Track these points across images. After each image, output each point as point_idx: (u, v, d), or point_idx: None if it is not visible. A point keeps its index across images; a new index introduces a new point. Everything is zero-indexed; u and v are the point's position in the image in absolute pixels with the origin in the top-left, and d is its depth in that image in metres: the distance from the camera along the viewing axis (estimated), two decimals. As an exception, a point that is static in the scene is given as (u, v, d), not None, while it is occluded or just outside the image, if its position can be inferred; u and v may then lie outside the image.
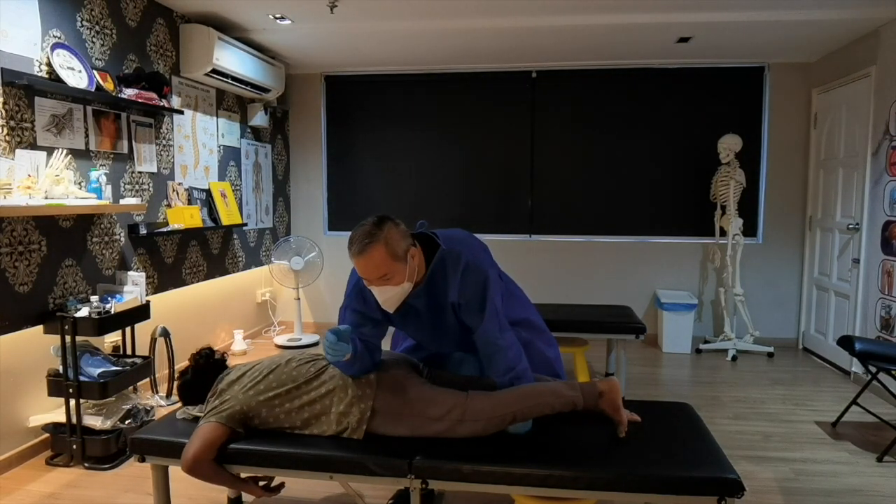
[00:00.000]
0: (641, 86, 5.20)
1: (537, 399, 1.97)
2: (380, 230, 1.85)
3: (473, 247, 2.10)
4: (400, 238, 1.88)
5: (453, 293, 2.00)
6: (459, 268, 1.98)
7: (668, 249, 5.30)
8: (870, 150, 4.07)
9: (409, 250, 1.91)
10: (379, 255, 1.84)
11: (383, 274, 1.86)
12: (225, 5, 3.80)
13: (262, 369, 2.10)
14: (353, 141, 5.62)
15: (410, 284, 1.95)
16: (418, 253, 1.97)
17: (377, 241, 1.84)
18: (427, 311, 2.08)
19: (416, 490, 1.91)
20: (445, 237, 2.07)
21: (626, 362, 3.74)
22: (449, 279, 2.00)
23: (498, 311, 2.02)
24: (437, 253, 2.01)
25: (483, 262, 2.04)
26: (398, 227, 1.90)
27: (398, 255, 1.87)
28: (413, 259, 1.93)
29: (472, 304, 2.00)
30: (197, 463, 1.92)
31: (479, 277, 1.99)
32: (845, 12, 3.79)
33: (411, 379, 2.03)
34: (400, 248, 1.87)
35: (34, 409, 2.93)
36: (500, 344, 2.01)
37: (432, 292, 2.04)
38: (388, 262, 1.85)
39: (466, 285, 1.99)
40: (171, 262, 3.99)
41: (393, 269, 1.87)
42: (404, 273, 1.90)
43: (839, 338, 3.26)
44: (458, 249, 2.02)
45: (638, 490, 1.77)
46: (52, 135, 2.96)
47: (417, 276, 1.98)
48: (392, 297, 1.93)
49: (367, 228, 1.86)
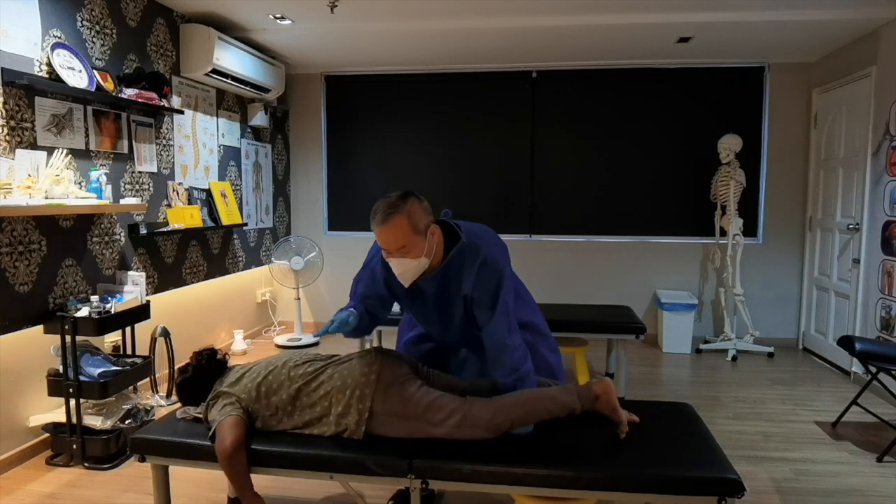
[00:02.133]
0: (641, 86, 5.20)
1: (535, 405, 1.97)
2: (404, 203, 1.93)
3: (493, 244, 2.13)
4: (422, 213, 1.95)
5: (467, 286, 2.03)
6: (477, 262, 2.01)
7: (668, 249, 5.30)
8: (870, 150, 4.07)
9: (430, 227, 1.97)
10: (401, 225, 1.90)
11: (402, 245, 1.92)
12: (225, 5, 3.80)
13: (260, 370, 2.10)
14: (353, 141, 5.62)
15: (428, 260, 1.99)
16: (438, 232, 2.02)
17: (400, 212, 1.90)
18: (435, 298, 2.12)
19: (416, 490, 1.91)
20: (468, 230, 2.11)
21: (626, 362, 3.74)
22: (465, 271, 2.03)
23: (509, 310, 2.04)
24: (457, 244, 2.05)
25: (500, 261, 2.06)
26: (421, 203, 1.98)
27: (419, 228, 1.93)
28: (433, 236, 1.98)
29: (484, 300, 2.02)
30: (235, 448, 1.90)
31: (495, 275, 2.02)
32: (845, 12, 3.79)
33: (411, 382, 2.03)
34: (421, 222, 1.94)
35: (34, 409, 2.93)
36: (508, 343, 2.03)
37: (445, 281, 2.07)
38: (408, 233, 1.91)
39: (481, 281, 2.01)
40: (171, 261, 3.99)
41: (413, 241, 1.93)
42: (423, 248, 1.95)
43: (839, 338, 3.26)
44: (478, 244, 2.05)
45: (638, 490, 1.77)
46: (53, 135, 2.96)
47: (435, 257, 2.02)
48: (408, 269, 1.97)
49: (391, 200, 1.93)
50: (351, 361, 2.10)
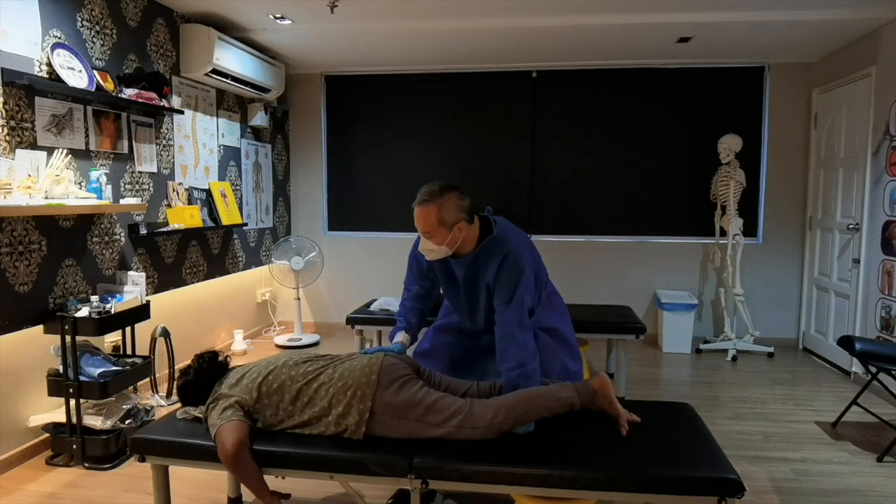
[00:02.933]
0: (641, 86, 5.20)
1: (535, 403, 1.99)
2: (441, 195, 2.12)
3: (524, 245, 2.28)
4: (455, 209, 2.12)
5: (490, 274, 2.19)
6: (501, 254, 2.17)
7: (668, 249, 5.30)
8: (870, 150, 4.07)
9: (459, 224, 2.14)
10: (430, 214, 2.11)
11: (427, 231, 2.14)
12: (225, 5, 3.80)
13: (260, 371, 2.10)
14: (353, 141, 5.62)
15: (449, 250, 2.18)
16: (468, 229, 2.18)
17: (433, 203, 2.10)
18: (464, 282, 2.32)
19: (416, 490, 1.91)
20: (502, 226, 2.27)
21: (626, 362, 3.74)
22: (491, 261, 2.19)
23: (523, 306, 2.15)
24: (489, 236, 2.22)
25: (524, 259, 2.19)
26: (460, 199, 2.15)
27: (445, 222, 2.11)
28: (460, 232, 2.14)
29: (502, 290, 2.16)
30: (238, 451, 1.90)
31: (516, 269, 2.16)
32: (845, 12, 3.79)
33: (412, 382, 2.03)
34: (450, 217, 2.11)
35: (34, 409, 2.93)
36: (517, 336, 2.11)
37: (474, 267, 2.24)
38: (434, 223, 2.11)
39: (502, 273, 2.16)
40: (171, 261, 3.99)
41: (437, 231, 2.13)
42: (445, 238, 2.14)
43: (839, 338, 3.26)
44: (507, 239, 2.21)
45: (638, 490, 1.77)
46: (53, 135, 2.96)
47: (465, 248, 2.23)
48: (429, 250, 2.19)
49: (433, 188, 2.13)
50: (352, 361, 2.10)
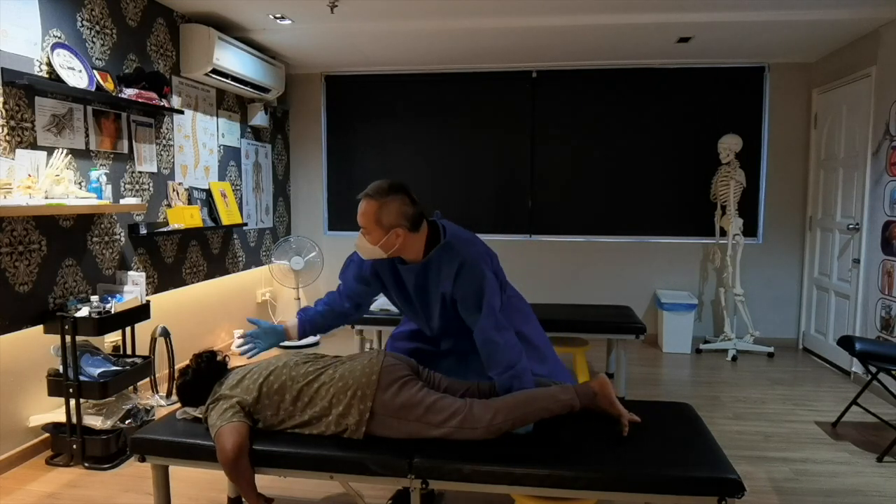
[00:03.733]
0: (641, 86, 5.20)
1: (535, 405, 1.98)
2: (387, 195, 2.03)
3: (478, 250, 2.18)
4: (395, 213, 2.04)
5: (446, 284, 2.12)
6: (455, 265, 2.09)
7: (668, 249, 5.30)
8: (870, 150, 4.07)
9: (397, 229, 2.05)
10: (368, 210, 2.04)
11: (364, 225, 2.07)
12: (225, 5, 3.80)
13: (261, 371, 2.10)
14: (353, 141, 5.62)
15: (383, 253, 2.11)
16: (407, 236, 2.09)
17: (375, 200, 2.03)
18: (415, 290, 2.24)
19: (416, 490, 1.91)
20: (453, 233, 2.18)
21: (626, 362, 3.74)
22: (443, 271, 2.12)
23: (495, 310, 2.09)
24: (439, 244, 2.13)
25: (482, 264, 2.11)
26: (405, 205, 2.06)
27: (382, 223, 2.04)
28: (396, 238, 2.07)
29: (468, 302, 2.09)
30: (237, 454, 1.90)
31: (476, 277, 2.08)
32: (845, 12, 3.79)
33: (412, 383, 2.03)
34: (388, 220, 2.04)
35: (34, 409, 2.93)
36: (498, 341, 2.07)
37: (424, 276, 2.18)
38: (370, 221, 2.04)
39: (462, 282, 2.09)
40: (171, 261, 3.99)
41: (372, 229, 2.06)
42: (379, 240, 2.07)
43: (839, 338, 3.26)
44: (458, 247, 2.12)
45: (638, 490, 1.77)
46: (53, 134, 2.96)
47: (410, 255, 2.15)
48: (361, 246, 2.13)
49: (382, 185, 2.05)
50: (352, 362, 2.10)
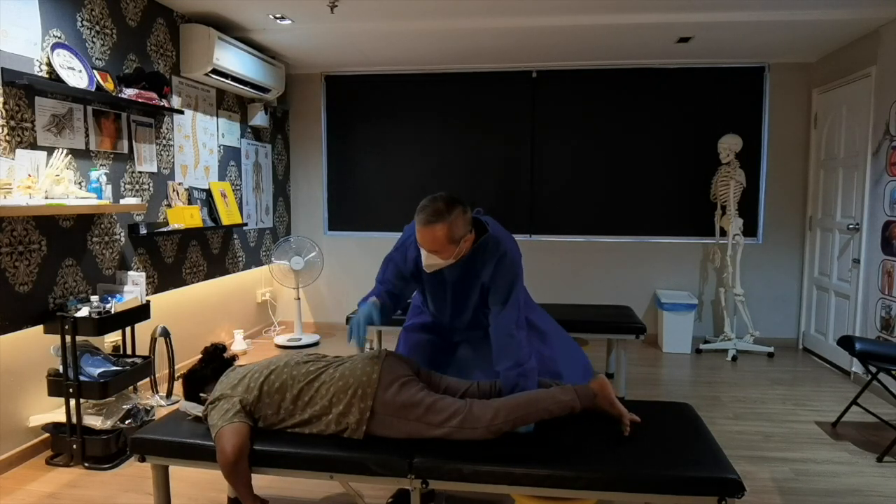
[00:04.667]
0: (641, 86, 5.20)
1: (535, 405, 1.99)
2: (448, 213, 2.02)
3: (515, 246, 2.27)
4: (462, 225, 2.07)
5: (487, 274, 2.17)
6: (497, 255, 2.16)
7: (668, 249, 5.30)
8: (870, 150, 4.07)
9: (466, 236, 2.09)
10: (440, 233, 2.02)
11: (436, 249, 2.05)
12: (225, 5, 3.80)
13: (262, 370, 2.10)
14: (353, 141, 5.62)
15: (454, 261, 2.13)
16: (471, 240, 2.15)
17: (443, 222, 2.01)
18: (454, 283, 2.28)
19: (416, 490, 1.91)
20: (494, 227, 2.26)
21: (626, 362, 3.74)
22: (487, 261, 2.17)
23: (519, 306, 2.17)
24: (483, 236, 2.19)
25: (518, 260, 2.21)
26: (465, 214, 2.09)
27: (454, 238, 2.05)
28: (466, 243, 2.11)
29: (499, 292, 2.16)
30: (237, 456, 1.90)
31: (512, 270, 2.16)
32: (845, 12, 3.79)
33: (412, 383, 2.04)
34: (459, 233, 2.06)
35: (34, 409, 2.93)
36: (514, 335, 2.12)
37: (467, 268, 2.22)
38: (444, 242, 2.03)
39: (499, 273, 2.16)
40: (171, 261, 3.99)
41: (446, 248, 2.06)
42: (453, 253, 2.08)
43: (839, 338, 3.26)
44: (501, 240, 2.20)
45: (638, 490, 1.77)
46: (53, 135, 2.96)
47: (462, 253, 2.16)
48: (434, 264, 2.12)
49: (439, 206, 2.02)
50: (353, 361, 2.10)
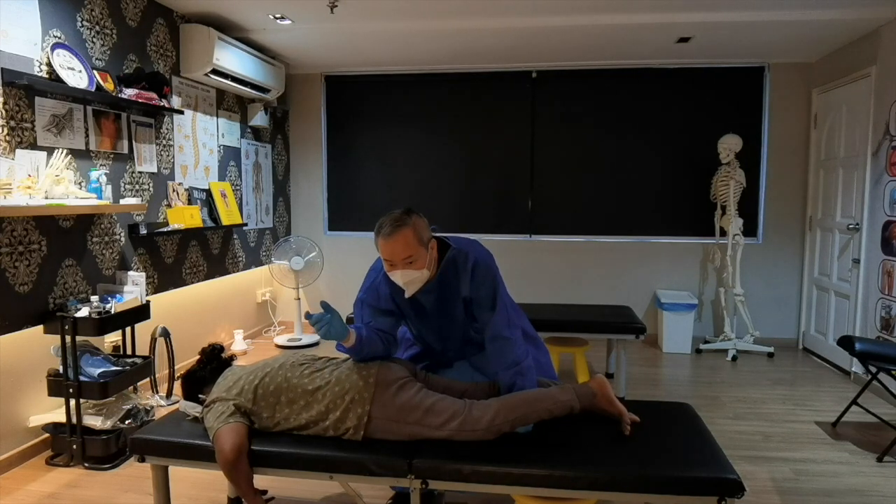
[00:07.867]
0: (641, 86, 5.20)
1: (535, 405, 1.99)
2: (408, 217, 2.04)
3: (482, 249, 2.24)
4: (424, 227, 2.07)
5: (465, 288, 2.15)
6: (469, 264, 2.13)
7: (668, 249, 5.30)
8: (870, 150, 4.07)
9: (430, 241, 2.09)
10: (408, 237, 2.00)
11: (409, 255, 2.01)
12: (225, 5, 3.80)
13: (257, 373, 2.09)
14: (353, 141, 5.62)
15: (429, 273, 2.09)
16: (436, 245, 2.14)
17: (406, 226, 2.01)
18: (435, 307, 2.22)
19: (416, 490, 1.91)
20: (455, 239, 2.23)
21: (626, 362, 3.73)
22: (460, 275, 2.15)
23: (507, 306, 2.15)
24: (447, 252, 2.16)
25: (491, 262, 2.18)
26: (422, 218, 2.09)
27: (423, 240, 2.04)
28: (432, 249, 2.09)
29: (484, 299, 2.14)
30: (236, 455, 1.90)
31: (489, 274, 2.14)
32: (845, 12, 3.79)
33: (409, 385, 2.02)
34: (424, 235, 2.05)
35: (34, 409, 2.93)
36: (508, 337, 2.12)
37: (443, 288, 2.18)
38: (414, 244, 2.01)
39: (477, 282, 2.13)
40: (171, 262, 3.99)
41: (418, 252, 2.02)
42: (426, 259, 2.06)
43: (839, 338, 3.26)
44: (466, 249, 2.17)
45: (638, 490, 1.77)
46: (53, 135, 2.96)
47: (432, 269, 2.13)
48: (414, 280, 2.06)
49: (396, 215, 2.05)
50: (349, 364, 2.09)
